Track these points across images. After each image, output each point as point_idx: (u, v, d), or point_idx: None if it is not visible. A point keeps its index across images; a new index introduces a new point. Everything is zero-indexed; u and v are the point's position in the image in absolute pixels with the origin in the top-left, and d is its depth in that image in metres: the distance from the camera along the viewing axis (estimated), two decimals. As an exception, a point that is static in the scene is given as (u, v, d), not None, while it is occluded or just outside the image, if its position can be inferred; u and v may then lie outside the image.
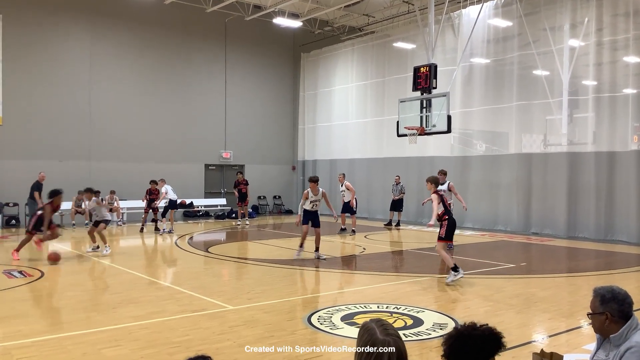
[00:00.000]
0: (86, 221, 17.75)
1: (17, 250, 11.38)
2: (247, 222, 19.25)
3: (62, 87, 19.45)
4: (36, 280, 9.28)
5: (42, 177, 16.45)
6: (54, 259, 10.90)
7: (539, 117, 16.77)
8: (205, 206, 22.53)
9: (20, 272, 9.89)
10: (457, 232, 16.70)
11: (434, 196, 9.61)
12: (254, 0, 21.54)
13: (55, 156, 18.98)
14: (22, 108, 18.62)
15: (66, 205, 18.23)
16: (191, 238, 15.73)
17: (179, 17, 21.63)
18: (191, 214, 22.04)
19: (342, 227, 16.69)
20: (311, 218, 11.52)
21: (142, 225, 17.27)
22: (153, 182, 17.13)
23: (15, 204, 18.31)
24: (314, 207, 11.49)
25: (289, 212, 24.71)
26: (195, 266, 11.40)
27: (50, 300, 7.92)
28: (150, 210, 17.08)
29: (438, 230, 9.65)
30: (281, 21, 21.94)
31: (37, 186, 16.15)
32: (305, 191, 11.52)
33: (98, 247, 12.57)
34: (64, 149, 19.29)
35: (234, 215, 21.68)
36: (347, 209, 16.88)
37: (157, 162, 21.04)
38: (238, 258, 11.98)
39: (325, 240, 14.33)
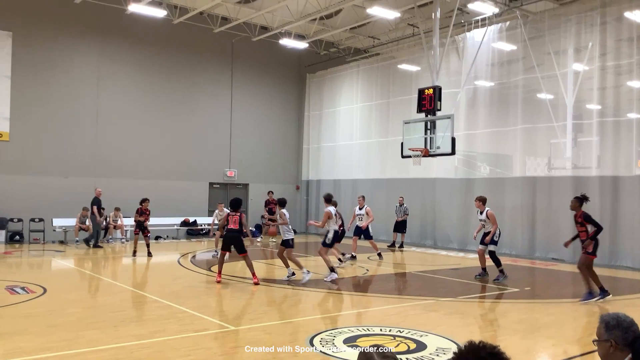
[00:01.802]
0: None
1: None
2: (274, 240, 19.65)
3: (69, 105, 19.62)
4: (38, 296, 9.26)
5: (99, 192, 17.40)
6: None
7: (543, 141, 16.79)
8: (208, 224, 22.49)
9: (22, 288, 9.87)
10: (460, 254, 16.81)
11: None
12: (261, 21, 21.78)
13: (60, 172, 19.06)
14: (29, 125, 18.77)
15: (70, 221, 18.34)
16: (194, 256, 15.69)
17: (186, 37, 21.88)
18: (194, 232, 22.02)
19: (353, 254, 15.10)
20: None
21: (135, 249, 15.37)
22: (145, 200, 15.33)
23: (20, 220, 18.34)
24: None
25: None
26: (198, 285, 11.35)
27: (52, 317, 7.88)
28: (140, 232, 15.24)
29: None
30: (287, 42, 22.16)
31: (96, 201, 17.15)
32: (328, 211, 11.77)
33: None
34: (69, 165, 19.39)
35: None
36: (360, 232, 15.46)
37: (162, 180, 21.11)
38: (241, 278, 11.93)
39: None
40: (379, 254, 15.44)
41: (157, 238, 20.08)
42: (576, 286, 12.61)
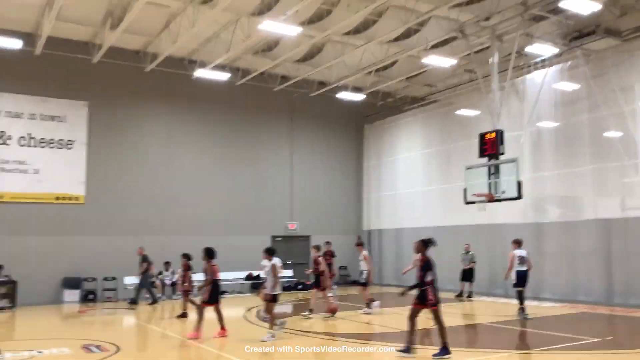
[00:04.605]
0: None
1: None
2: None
3: (141, 167, 20.57)
4: (112, 354, 9.48)
5: (140, 250, 17.69)
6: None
7: (615, 180, 16.00)
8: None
9: (97, 346, 10.16)
10: (534, 303, 15.99)
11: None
12: (319, 77, 22.37)
13: (131, 232, 19.79)
14: (103, 188, 19.71)
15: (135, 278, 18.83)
16: (259, 311, 15.71)
17: (248, 96, 22.70)
18: (258, 285, 22.12)
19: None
20: None
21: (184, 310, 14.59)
22: (185, 256, 14.58)
23: (94, 279, 19.08)
24: None
25: (355, 282, 24.34)
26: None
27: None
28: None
29: None
30: (345, 95, 22.56)
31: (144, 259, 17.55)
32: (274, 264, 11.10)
33: None
34: (139, 225, 20.11)
35: (299, 287, 21.73)
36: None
37: (226, 235, 21.49)
38: (314, 332, 11.78)
39: (390, 312, 14.02)
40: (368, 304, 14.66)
41: (222, 293, 20.33)
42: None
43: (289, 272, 23.07)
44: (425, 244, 9.02)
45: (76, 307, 17.66)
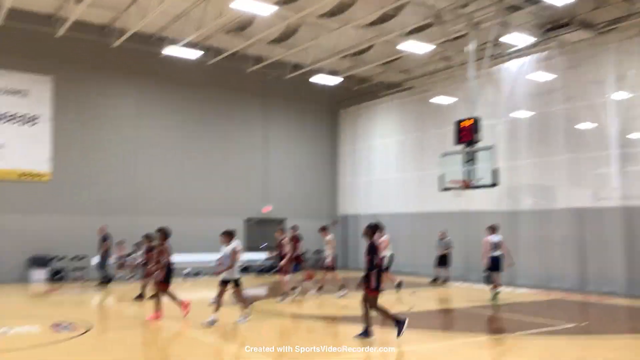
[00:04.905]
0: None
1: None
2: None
3: (108, 145, 20.00)
4: (83, 333, 9.14)
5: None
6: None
7: (588, 171, 16.25)
8: (246, 261, 22.37)
9: (66, 326, 9.79)
10: (509, 289, 16.20)
11: None
12: (293, 59, 22.04)
13: (99, 211, 19.28)
14: (69, 165, 19.12)
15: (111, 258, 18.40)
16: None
17: (220, 77, 22.25)
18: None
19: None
20: None
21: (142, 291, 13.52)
22: (147, 236, 13.31)
23: (61, 258, 18.55)
24: None
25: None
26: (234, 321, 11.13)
27: (97, 355, 7.77)
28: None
29: None
30: (320, 79, 22.32)
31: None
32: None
33: None
34: (108, 204, 19.62)
35: (275, 270, 21.52)
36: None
37: (198, 217, 21.17)
38: (277, 313, 11.66)
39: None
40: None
41: (196, 274, 20.11)
42: (635, 320, 11.99)
43: (262, 256, 22.85)
44: (372, 229, 8.96)
45: (44, 286, 17.16)
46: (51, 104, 19.01)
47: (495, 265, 13.88)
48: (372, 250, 8.75)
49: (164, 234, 11.02)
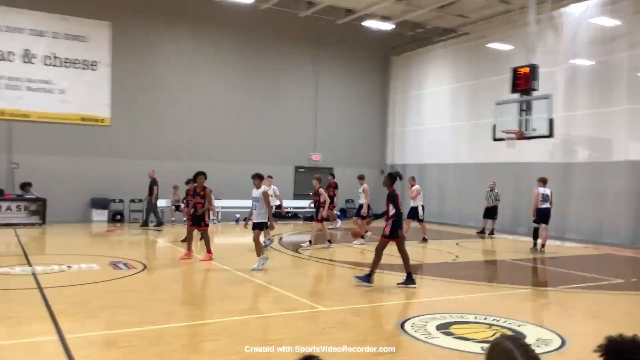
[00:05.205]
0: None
1: None
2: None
3: (164, 91, 20.47)
4: (139, 272, 9.75)
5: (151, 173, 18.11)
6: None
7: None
8: (294, 208, 22.85)
9: (125, 264, 10.43)
10: (557, 242, 15.95)
11: None
12: (346, 4, 21.56)
13: (157, 156, 19.92)
14: (128, 110, 19.77)
15: (166, 202, 19.18)
16: (281, 239, 15.95)
17: (273, 22, 22.09)
18: (279, 214, 22.36)
19: (424, 236, 15.42)
20: None
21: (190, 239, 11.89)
22: (197, 176, 12.28)
23: (121, 200, 19.47)
24: None
25: (376, 216, 24.48)
26: (286, 266, 11.53)
27: (152, 292, 8.27)
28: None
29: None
30: (372, 24, 21.81)
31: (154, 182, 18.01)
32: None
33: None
34: (164, 149, 20.26)
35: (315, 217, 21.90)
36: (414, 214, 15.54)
37: (248, 163, 21.53)
38: (329, 260, 11.97)
39: (415, 246, 14.15)
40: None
41: (245, 220, 20.70)
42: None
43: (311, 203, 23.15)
44: (392, 178, 8.90)
45: (104, 226, 18.13)
46: (109, 49, 19.51)
47: (543, 217, 13.65)
48: (391, 199, 8.80)
49: (203, 177, 11.43)
